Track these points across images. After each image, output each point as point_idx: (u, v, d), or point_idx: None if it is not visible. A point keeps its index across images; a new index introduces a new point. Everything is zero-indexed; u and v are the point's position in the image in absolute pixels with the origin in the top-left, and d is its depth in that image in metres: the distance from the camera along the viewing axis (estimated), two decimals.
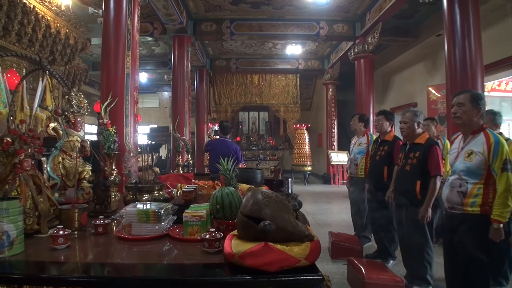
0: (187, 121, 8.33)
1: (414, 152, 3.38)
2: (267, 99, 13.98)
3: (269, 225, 1.11)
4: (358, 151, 4.86)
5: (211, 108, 13.79)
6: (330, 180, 11.83)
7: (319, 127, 14.40)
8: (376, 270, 3.35)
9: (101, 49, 4.81)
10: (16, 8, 5.63)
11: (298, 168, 12.54)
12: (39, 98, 3.15)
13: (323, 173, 12.99)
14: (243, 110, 15.11)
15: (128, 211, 1.56)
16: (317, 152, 14.29)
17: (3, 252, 1.32)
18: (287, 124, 14.14)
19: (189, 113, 8.61)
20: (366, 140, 4.84)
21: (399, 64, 10.48)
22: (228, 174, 1.76)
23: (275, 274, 1.16)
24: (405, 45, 9.71)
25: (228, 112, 14.02)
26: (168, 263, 1.40)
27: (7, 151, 1.58)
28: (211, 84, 13.74)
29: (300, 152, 12.70)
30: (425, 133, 3.48)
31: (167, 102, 16.77)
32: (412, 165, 3.36)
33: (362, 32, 9.11)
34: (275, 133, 15.56)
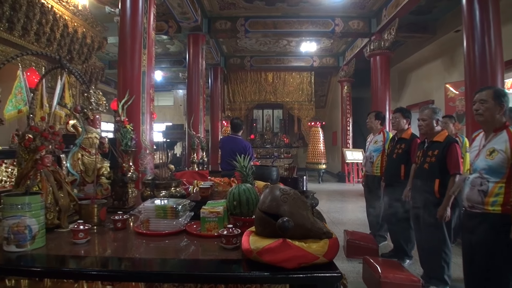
0: (201, 118, 8.37)
1: (433, 150, 3.33)
2: (281, 97, 13.93)
3: (288, 222, 1.11)
4: (374, 149, 4.81)
5: (226, 106, 13.82)
6: (345, 179, 11.74)
7: (334, 125, 14.29)
8: (393, 269, 3.31)
9: (117, 47, 4.88)
10: (34, 8, 5.75)
11: (313, 166, 12.48)
12: (58, 96, 3.22)
13: (337, 172, 12.90)
14: (257, 108, 15.11)
15: (146, 207, 1.58)
16: (332, 150, 14.20)
17: (25, 246, 1.35)
18: (301, 122, 14.07)
19: (204, 111, 8.65)
20: (382, 138, 4.79)
21: (416, 61, 10.31)
22: (245, 171, 1.76)
23: (293, 270, 1.16)
24: (422, 42, 9.55)
25: (242, 110, 14.03)
26: (186, 258, 1.41)
27: (29, 148, 1.62)
28: (226, 82, 13.77)
29: (314, 150, 12.63)
30: (444, 130, 3.42)
31: (182, 100, 16.89)
32: (430, 164, 3.31)
33: (378, 28, 8.99)
34: (289, 131, 15.51)
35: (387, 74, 9.17)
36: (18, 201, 1.33)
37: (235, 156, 4.35)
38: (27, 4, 5.57)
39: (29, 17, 5.75)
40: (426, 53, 9.65)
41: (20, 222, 1.32)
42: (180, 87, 16.59)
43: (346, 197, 9.29)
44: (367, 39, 9.64)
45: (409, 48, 10.32)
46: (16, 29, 5.65)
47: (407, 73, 10.95)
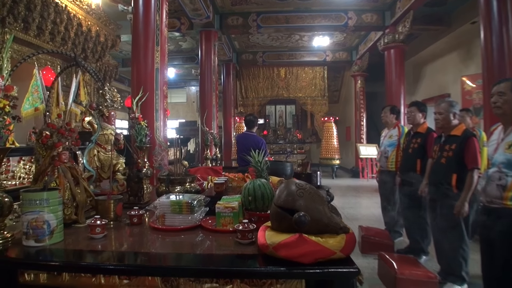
0: (214, 115, 8.39)
1: (450, 144, 3.26)
2: (294, 92, 13.86)
3: (304, 216, 1.10)
4: (389, 144, 4.74)
5: (238, 102, 13.82)
6: (359, 174, 11.64)
7: (347, 120, 14.17)
8: (409, 266, 3.27)
9: (130, 45, 4.92)
10: (49, 7, 5.83)
11: (326, 161, 12.40)
12: (74, 94, 3.26)
13: (351, 167, 12.80)
14: (269, 104, 15.07)
15: (162, 202, 1.59)
16: (345, 146, 14.08)
17: (43, 241, 1.37)
18: (314, 117, 13.98)
19: (217, 107, 8.67)
20: (397, 132, 4.72)
21: (431, 53, 10.12)
22: (259, 166, 1.75)
23: (310, 266, 1.15)
24: (437, 34, 9.36)
25: (255, 105, 14.01)
26: (201, 253, 1.41)
27: (46, 144, 1.64)
28: (238, 78, 13.76)
29: (328, 145, 12.54)
30: (461, 124, 3.34)
31: (195, 96, 16.96)
32: (448, 158, 3.24)
33: (392, 21, 8.85)
34: (302, 126, 15.43)
35: (402, 68, 9.03)
36: (36, 197, 1.35)
37: (249, 152, 4.35)
38: (41, 4, 5.65)
39: (43, 17, 5.84)
40: (442, 45, 9.46)
41: (38, 217, 1.34)
42: (192, 83, 16.65)
43: (360, 192, 9.21)
44: (381, 33, 9.49)
45: (424, 41, 10.13)
46: (32, 29, 5.74)
47: (422, 67, 10.76)
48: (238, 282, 1.33)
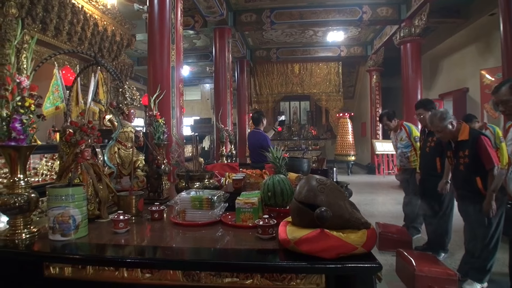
0: (229, 112, 8.42)
1: (463, 150, 3.20)
2: (308, 88, 13.77)
3: (326, 211, 1.10)
4: (404, 146, 4.71)
5: (252, 99, 13.82)
6: (375, 170, 11.52)
7: (362, 116, 14.02)
8: (428, 263, 3.23)
9: (145, 44, 4.98)
10: (66, 8, 5.94)
11: (341, 158, 12.31)
12: (93, 93, 3.32)
13: (367, 163, 12.68)
14: (284, 100, 15.02)
15: (183, 198, 1.61)
16: (361, 142, 13.95)
17: (69, 235, 1.41)
18: (329, 113, 13.88)
19: (231, 104, 8.69)
20: (405, 133, 4.68)
21: (448, 47, 9.92)
22: (278, 162, 1.76)
23: (331, 260, 1.15)
24: (455, 27, 9.17)
25: (269, 102, 13.99)
26: (222, 247, 1.43)
27: (70, 142, 1.68)
28: (252, 75, 13.76)
29: (343, 141, 12.45)
30: (463, 126, 3.24)
31: (209, 94, 17.04)
32: (465, 164, 3.18)
33: (408, 14, 8.70)
34: (317, 122, 15.34)
35: (419, 62, 8.89)
36: (62, 193, 1.39)
37: (255, 149, 4.42)
38: (58, 5, 5.76)
39: (61, 18, 5.95)
40: (459, 38, 9.27)
41: (64, 213, 1.38)
42: (206, 81, 16.73)
43: (376, 189, 9.13)
44: (397, 26, 9.35)
45: (441, 34, 9.93)
46: (49, 30, 5.86)
47: (439, 60, 10.56)
48: (259, 276, 1.34)
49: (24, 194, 1.43)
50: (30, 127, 1.48)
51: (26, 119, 1.45)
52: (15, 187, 1.44)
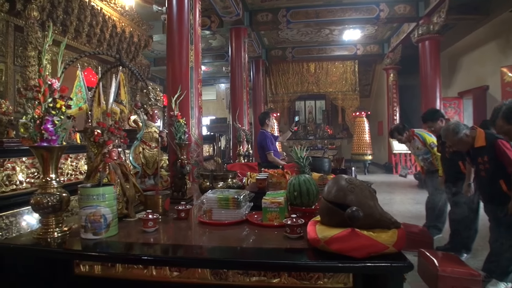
0: (245, 111, 8.44)
1: (481, 156, 3.14)
2: (324, 87, 13.69)
3: (357, 211, 1.10)
4: (424, 153, 4.66)
5: (268, 98, 13.81)
6: (392, 170, 11.37)
7: (379, 115, 13.86)
8: (450, 263, 3.18)
9: (161, 45, 5.04)
10: (85, 11, 6.06)
11: (358, 157, 12.20)
12: (114, 93, 3.36)
13: (384, 162, 12.53)
14: (299, 100, 14.96)
15: (209, 198, 1.63)
16: (378, 141, 13.79)
17: (101, 234, 1.44)
18: (345, 112, 13.77)
19: (248, 103, 8.71)
20: (419, 141, 4.62)
21: (467, 44, 9.71)
22: (302, 162, 1.76)
23: (361, 260, 1.15)
24: (474, 24, 8.96)
25: (285, 101, 13.96)
26: (249, 246, 1.44)
27: (98, 142, 1.72)
28: (267, 74, 13.75)
29: (359, 140, 12.33)
30: (479, 132, 3.17)
31: (224, 93, 17.11)
32: (486, 170, 3.12)
33: (426, 11, 8.55)
34: (333, 121, 15.23)
35: (437, 60, 8.73)
36: (94, 192, 1.42)
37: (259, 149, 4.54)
38: (78, 8, 5.88)
39: (80, 20, 6.08)
40: (479, 35, 9.06)
41: (96, 212, 1.41)
42: (222, 81, 16.80)
43: (394, 188, 9.01)
44: (415, 24, 9.20)
45: (460, 31, 9.73)
46: (69, 32, 5.99)
47: (458, 58, 10.35)
48: (286, 275, 1.35)
49: (56, 193, 1.47)
50: (61, 128, 1.51)
51: (58, 120, 1.48)
52: (47, 186, 1.48)
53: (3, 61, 4.97)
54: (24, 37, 5.13)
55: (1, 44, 4.95)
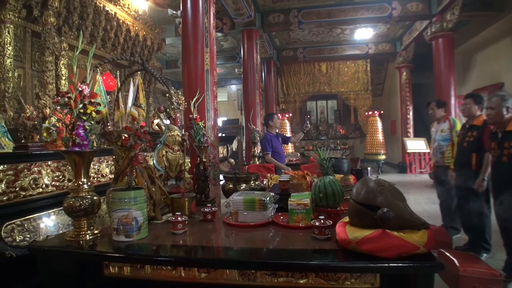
0: (258, 113, 8.46)
1: (509, 140, 3.09)
2: (336, 87, 13.62)
3: (388, 212, 1.11)
4: (442, 139, 4.56)
5: (280, 99, 13.81)
6: (406, 169, 11.26)
7: (392, 114, 13.74)
8: (471, 263, 3.15)
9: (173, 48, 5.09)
10: (100, 15, 6.16)
11: (371, 157, 12.11)
12: (133, 97, 3.42)
13: (398, 162, 12.41)
14: (310, 100, 14.90)
15: (235, 200, 1.65)
16: (391, 140, 13.67)
17: (132, 236, 1.48)
18: (358, 111, 13.69)
19: (260, 105, 8.73)
20: (448, 126, 4.53)
21: (481, 41, 9.56)
22: (325, 163, 1.77)
23: (393, 260, 1.16)
24: (488, 20, 8.82)
25: (297, 102, 13.93)
26: (276, 248, 1.46)
27: (125, 146, 1.76)
28: (279, 75, 13.74)
29: (372, 140, 12.23)
30: None
31: (235, 95, 17.17)
32: (510, 156, 3.08)
33: (439, 9, 8.46)
34: (345, 121, 15.14)
35: (451, 57, 8.62)
36: (125, 196, 1.46)
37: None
38: (93, 13, 5.98)
39: (95, 25, 6.18)
40: (493, 32, 8.92)
41: (128, 215, 1.45)
42: (233, 82, 16.86)
43: (409, 188, 8.93)
44: (427, 21, 9.11)
45: (473, 28, 9.59)
46: (85, 37, 6.09)
47: (472, 55, 10.20)
48: (313, 276, 1.36)
49: (88, 197, 1.51)
50: (91, 133, 1.56)
51: (88, 125, 1.53)
52: (79, 190, 1.52)
53: (21, 66, 5.07)
54: (41, 42, 5.23)
55: (19, 50, 5.05)
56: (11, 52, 4.60)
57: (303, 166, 3.68)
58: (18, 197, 2.17)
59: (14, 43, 4.72)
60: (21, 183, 2.20)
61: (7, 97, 4.56)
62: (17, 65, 4.88)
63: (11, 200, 2.12)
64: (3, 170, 2.06)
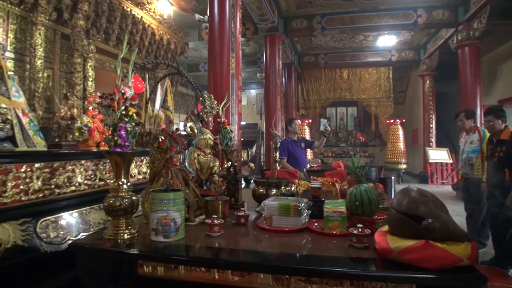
0: (279, 118, 8.47)
1: None
2: (357, 94, 13.52)
3: (434, 223, 1.10)
4: (472, 150, 4.46)
5: (300, 105, 13.80)
6: (427, 180, 11.05)
7: (414, 122, 13.52)
8: (499, 278, 3.10)
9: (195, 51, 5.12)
10: (127, 19, 6.31)
11: (392, 165, 11.92)
12: (162, 100, 3.47)
13: (419, 172, 12.20)
14: (330, 106, 14.84)
15: (270, 205, 1.67)
16: (412, 149, 13.45)
17: (170, 237, 1.51)
18: (379, 119, 13.54)
19: (281, 110, 8.74)
20: (478, 137, 4.43)
21: (508, 50, 9.35)
22: (359, 171, 1.76)
23: (435, 271, 1.15)
24: None
25: (317, 108, 13.88)
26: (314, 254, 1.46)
27: (162, 148, 1.80)
28: (299, 81, 13.74)
29: (394, 149, 12.06)
30: None
31: (255, 99, 17.22)
32: None
33: (466, 17, 8.32)
34: (365, 128, 15.01)
35: (478, 67, 8.45)
36: (165, 197, 1.49)
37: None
38: (120, 16, 6.13)
39: (122, 28, 6.33)
40: None
41: (167, 215, 1.48)
42: (252, 86, 16.93)
43: None
44: (453, 29, 8.97)
45: (500, 37, 9.36)
46: (111, 40, 6.26)
47: (498, 64, 9.98)
48: (348, 284, 1.36)
49: (127, 196, 1.55)
50: (132, 134, 1.60)
51: (130, 127, 1.57)
52: (119, 190, 1.56)
53: (50, 67, 5.22)
54: (70, 44, 5.38)
55: (49, 51, 5.19)
56: (41, 53, 4.76)
57: (327, 173, 3.66)
58: (52, 195, 2.22)
59: (44, 44, 4.87)
60: (56, 180, 2.25)
61: (37, 97, 4.71)
62: (46, 66, 5.03)
63: (46, 197, 2.17)
64: (40, 168, 2.11)
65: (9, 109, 2.44)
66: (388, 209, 1.36)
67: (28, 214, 1.96)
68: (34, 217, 1.99)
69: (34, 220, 1.99)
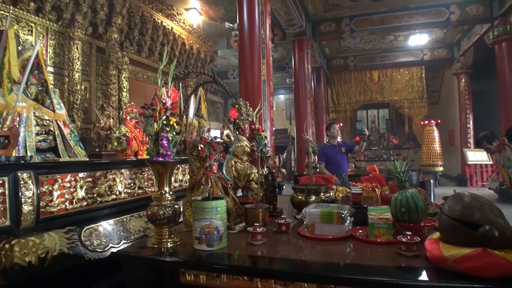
0: (310, 122, 8.40)
1: None
2: (388, 96, 13.20)
3: (492, 230, 1.04)
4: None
5: (330, 109, 13.63)
6: (466, 182, 10.58)
7: (449, 123, 13.03)
8: None
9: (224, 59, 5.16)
10: (158, 31, 6.48)
11: (428, 168, 11.49)
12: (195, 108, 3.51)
13: (456, 174, 11.72)
14: (361, 109, 14.56)
15: (312, 212, 1.64)
16: (449, 151, 12.95)
17: (213, 245, 1.51)
18: (412, 121, 13.15)
19: (312, 114, 8.67)
20: (511, 151, 4.23)
21: None
22: (402, 176, 1.70)
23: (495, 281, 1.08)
24: None
25: (348, 111, 13.67)
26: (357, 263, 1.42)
27: (201, 156, 1.81)
28: (329, 84, 13.58)
29: (429, 151, 11.64)
30: None
31: (284, 104, 17.19)
32: None
33: (501, 11, 7.97)
34: (397, 131, 14.61)
35: None
36: (208, 205, 1.49)
37: None
38: (152, 28, 6.30)
39: (153, 39, 6.50)
40: None
41: (210, 224, 1.48)
42: (281, 92, 16.90)
43: None
44: (488, 25, 8.61)
45: None
46: (144, 51, 6.44)
47: None
48: None
49: (170, 205, 1.57)
50: (173, 143, 1.62)
51: (171, 136, 1.59)
52: (162, 199, 1.58)
53: (87, 79, 5.41)
54: (105, 57, 5.57)
55: (86, 64, 5.39)
56: (79, 66, 4.94)
57: (364, 178, 3.58)
58: (95, 203, 2.29)
59: (81, 58, 5.06)
60: (98, 189, 2.32)
61: (76, 108, 4.89)
62: (84, 79, 5.22)
63: (89, 205, 2.23)
64: (83, 177, 2.18)
65: (52, 121, 2.55)
66: (439, 216, 1.30)
67: (73, 223, 2.02)
68: (78, 225, 2.05)
69: (78, 228, 2.05)
